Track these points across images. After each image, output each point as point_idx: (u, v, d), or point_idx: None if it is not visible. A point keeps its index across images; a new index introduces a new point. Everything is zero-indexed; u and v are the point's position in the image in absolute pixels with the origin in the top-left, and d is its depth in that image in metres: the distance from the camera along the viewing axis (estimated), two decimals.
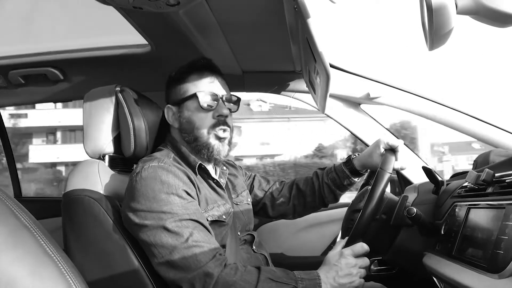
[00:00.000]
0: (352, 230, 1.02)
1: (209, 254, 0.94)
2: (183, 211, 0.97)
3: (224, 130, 1.13)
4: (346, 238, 1.05)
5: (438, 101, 1.53)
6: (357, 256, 1.01)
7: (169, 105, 1.17)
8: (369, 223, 1.01)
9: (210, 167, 1.18)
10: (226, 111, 1.12)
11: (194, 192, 1.04)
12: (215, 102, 1.12)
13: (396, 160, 1.14)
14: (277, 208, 1.38)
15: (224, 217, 1.09)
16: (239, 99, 1.18)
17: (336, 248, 1.05)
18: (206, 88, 1.12)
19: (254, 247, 1.21)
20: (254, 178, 1.41)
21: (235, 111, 1.18)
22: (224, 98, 1.13)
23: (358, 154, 1.29)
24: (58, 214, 1.09)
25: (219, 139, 1.12)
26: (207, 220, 1.03)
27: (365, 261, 1.02)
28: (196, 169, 1.10)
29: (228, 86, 1.20)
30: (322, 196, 1.33)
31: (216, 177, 1.17)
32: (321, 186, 1.33)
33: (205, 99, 1.11)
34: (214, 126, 1.11)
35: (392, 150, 1.17)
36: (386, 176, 1.05)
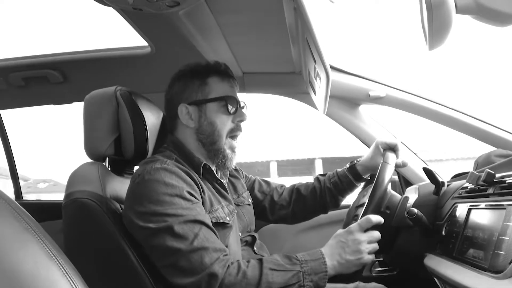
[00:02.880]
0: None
1: (213, 256, 0.93)
2: (187, 212, 0.96)
3: (237, 137, 1.15)
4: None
5: (437, 101, 1.54)
6: (366, 230, 0.98)
7: (184, 104, 1.12)
8: (375, 214, 1.00)
9: (213, 168, 1.18)
10: (246, 117, 1.16)
11: (198, 193, 1.03)
12: (237, 107, 1.14)
13: (397, 158, 1.16)
14: (276, 212, 1.37)
15: (228, 218, 1.09)
16: (246, 105, 1.20)
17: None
18: (229, 93, 1.14)
19: (255, 249, 1.21)
20: (254, 181, 1.41)
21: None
22: (241, 105, 1.17)
23: (359, 160, 1.31)
24: (59, 216, 1.08)
25: (232, 149, 1.14)
26: (211, 221, 1.03)
27: (375, 235, 0.99)
28: (201, 169, 1.10)
29: None
30: (323, 201, 1.33)
31: (219, 178, 1.16)
32: (323, 191, 1.34)
33: (231, 104, 1.12)
34: (232, 130, 1.14)
35: (391, 149, 1.19)
36: (389, 168, 1.06)
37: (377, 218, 0.99)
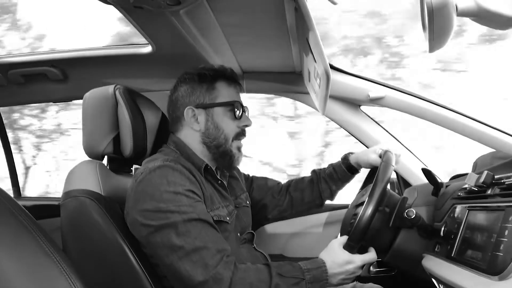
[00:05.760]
0: (357, 219, 1.01)
1: (216, 256, 0.93)
2: (190, 210, 0.96)
3: (242, 140, 1.18)
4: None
5: (438, 102, 1.54)
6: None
7: (191, 106, 1.13)
8: (375, 212, 1.00)
9: (214, 169, 1.18)
10: (251, 122, 1.18)
11: (200, 192, 1.03)
12: (242, 112, 1.17)
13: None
14: (276, 208, 1.39)
15: (228, 218, 1.09)
16: (248, 110, 1.22)
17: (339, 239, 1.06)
18: (236, 98, 1.17)
19: (254, 245, 1.22)
20: (252, 180, 1.42)
21: None
22: (246, 109, 1.19)
23: (353, 153, 1.36)
24: (57, 214, 1.08)
25: (239, 149, 1.17)
26: (213, 219, 1.03)
27: (372, 257, 1.05)
28: (202, 170, 1.10)
29: None
30: (319, 190, 1.37)
31: (220, 179, 1.17)
32: (319, 181, 1.38)
33: (238, 109, 1.14)
34: (238, 135, 1.16)
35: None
36: (389, 168, 1.06)
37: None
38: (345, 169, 1.34)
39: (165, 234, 0.94)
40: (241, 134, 1.17)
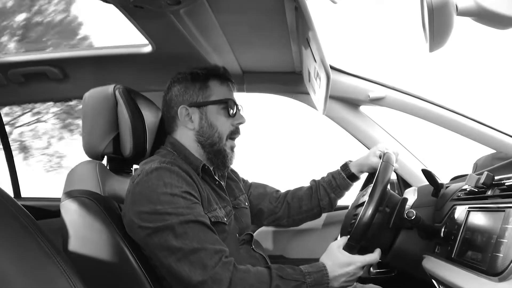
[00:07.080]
0: (358, 219, 1.01)
1: (215, 257, 0.93)
2: (187, 211, 0.96)
3: (235, 139, 1.19)
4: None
5: (438, 103, 1.54)
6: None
7: (185, 105, 1.13)
8: (375, 212, 1.00)
9: (211, 169, 1.18)
10: (245, 120, 1.19)
11: (197, 193, 1.03)
12: (236, 110, 1.17)
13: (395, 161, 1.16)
14: (272, 215, 1.39)
15: (225, 219, 1.09)
16: (242, 108, 1.22)
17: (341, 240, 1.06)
18: (229, 96, 1.17)
19: (253, 246, 1.21)
20: (250, 185, 1.42)
21: None
22: (239, 108, 1.19)
23: (352, 161, 1.36)
24: (57, 215, 1.08)
25: (232, 149, 1.17)
26: (210, 220, 1.03)
27: (374, 257, 1.04)
28: (200, 170, 1.10)
29: None
30: (318, 198, 1.36)
31: (217, 179, 1.17)
32: (318, 188, 1.37)
33: (231, 107, 1.15)
34: (232, 133, 1.16)
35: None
36: (389, 168, 1.06)
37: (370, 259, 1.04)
38: (344, 176, 1.34)
39: (162, 236, 0.93)
40: (235, 132, 1.17)
